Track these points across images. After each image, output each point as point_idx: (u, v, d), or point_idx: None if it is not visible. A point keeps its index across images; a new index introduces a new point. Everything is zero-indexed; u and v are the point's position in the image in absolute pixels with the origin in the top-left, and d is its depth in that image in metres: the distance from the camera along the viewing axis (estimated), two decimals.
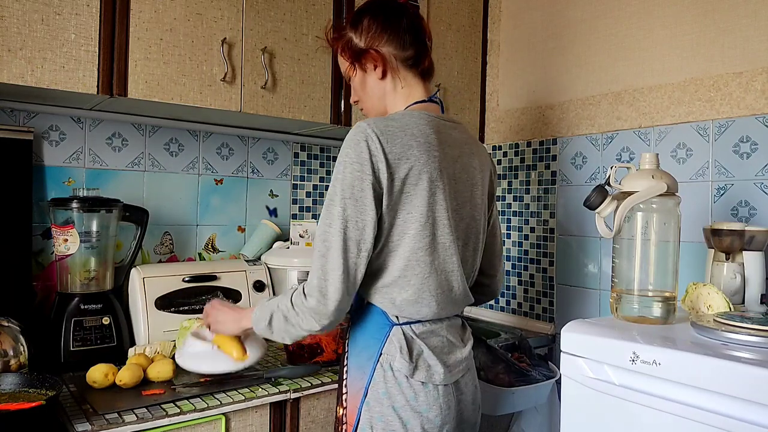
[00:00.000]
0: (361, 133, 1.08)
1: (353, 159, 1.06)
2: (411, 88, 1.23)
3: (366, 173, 1.06)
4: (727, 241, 1.41)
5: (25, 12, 1.32)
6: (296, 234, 1.95)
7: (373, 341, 1.14)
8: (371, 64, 1.21)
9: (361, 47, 1.21)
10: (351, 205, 1.05)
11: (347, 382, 1.15)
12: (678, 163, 1.77)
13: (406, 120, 1.14)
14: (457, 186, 1.19)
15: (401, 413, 1.10)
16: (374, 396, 1.11)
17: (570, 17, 2.10)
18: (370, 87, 1.24)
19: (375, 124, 1.09)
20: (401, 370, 1.10)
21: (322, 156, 2.24)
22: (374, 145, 1.07)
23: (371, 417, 1.11)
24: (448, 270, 1.16)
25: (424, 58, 1.23)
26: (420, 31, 1.23)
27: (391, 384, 1.10)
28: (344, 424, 1.14)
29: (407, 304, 1.13)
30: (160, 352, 1.50)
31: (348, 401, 1.14)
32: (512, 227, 2.30)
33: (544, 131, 2.18)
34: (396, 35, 1.20)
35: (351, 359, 1.17)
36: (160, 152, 1.87)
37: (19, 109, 1.61)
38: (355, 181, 1.06)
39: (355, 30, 1.22)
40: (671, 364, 1.03)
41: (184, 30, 1.54)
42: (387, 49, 1.20)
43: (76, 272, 1.53)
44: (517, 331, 2.06)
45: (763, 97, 1.59)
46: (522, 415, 1.89)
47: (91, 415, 1.16)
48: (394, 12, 1.22)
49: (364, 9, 1.24)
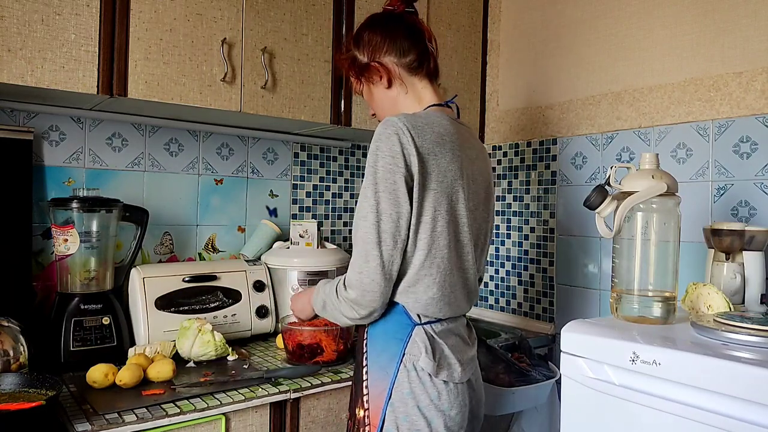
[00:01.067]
0: (392, 126, 1.10)
1: (386, 152, 1.09)
2: (419, 91, 1.26)
3: (399, 166, 1.08)
4: (727, 241, 1.41)
5: (25, 12, 1.32)
6: (296, 234, 1.95)
7: (395, 341, 1.15)
8: (376, 76, 1.25)
9: (364, 62, 1.25)
10: (385, 198, 1.08)
11: (368, 382, 1.16)
12: (678, 163, 1.77)
13: (431, 118, 1.17)
14: (474, 187, 1.21)
15: (426, 412, 1.12)
16: (399, 396, 1.12)
17: (570, 17, 2.10)
18: (380, 98, 1.28)
19: (404, 119, 1.12)
20: (426, 370, 1.12)
21: (322, 156, 2.23)
22: (406, 138, 1.09)
23: (396, 417, 1.12)
24: (465, 268, 1.20)
25: (426, 60, 1.26)
26: (419, 35, 1.26)
27: (415, 384, 1.12)
28: (367, 425, 1.15)
29: (432, 302, 1.15)
30: (160, 352, 1.50)
31: (370, 402, 1.15)
32: (512, 227, 2.30)
33: (544, 131, 2.18)
34: (395, 44, 1.23)
35: (371, 360, 1.17)
36: (160, 152, 1.87)
37: (19, 109, 1.61)
38: (388, 174, 1.08)
39: (358, 47, 1.26)
40: (671, 364, 1.03)
41: (184, 30, 1.54)
42: (389, 59, 1.24)
43: (76, 272, 1.53)
44: (517, 331, 2.06)
45: (763, 97, 1.59)
46: (522, 415, 1.89)
47: (91, 415, 1.16)
48: (390, 21, 1.26)
49: (363, 25, 1.29)
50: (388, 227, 1.08)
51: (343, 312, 1.14)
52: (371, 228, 1.08)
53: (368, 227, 1.08)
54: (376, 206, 1.08)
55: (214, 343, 1.52)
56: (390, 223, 1.08)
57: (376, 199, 1.08)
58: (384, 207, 1.08)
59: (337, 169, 2.28)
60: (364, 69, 1.26)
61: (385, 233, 1.08)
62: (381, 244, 1.08)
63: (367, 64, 1.25)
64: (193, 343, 1.51)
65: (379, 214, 1.08)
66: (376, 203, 1.08)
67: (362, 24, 1.30)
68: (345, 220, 2.32)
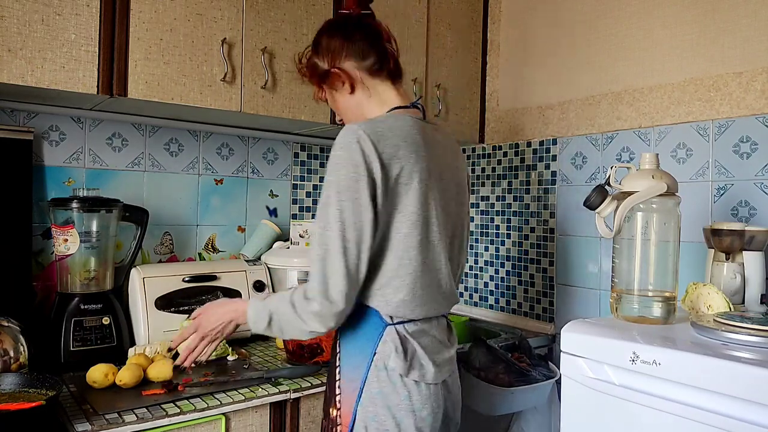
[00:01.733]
0: (352, 134, 1.08)
1: (347, 161, 1.06)
2: (382, 93, 1.24)
3: (361, 174, 1.06)
4: (727, 241, 1.41)
5: (25, 12, 1.32)
6: (296, 234, 1.95)
7: (367, 342, 1.14)
8: (339, 82, 1.23)
9: (324, 69, 1.23)
10: (348, 207, 1.05)
11: (341, 382, 1.16)
12: (678, 163, 1.77)
13: (391, 122, 1.15)
14: (444, 185, 1.20)
15: (395, 412, 1.10)
16: (368, 396, 1.11)
17: (570, 17, 2.10)
18: (344, 104, 1.26)
19: (365, 126, 1.10)
20: (396, 369, 1.11)
21: (322, 156, 2.23)
22: (367, 146, 1.07)
23: (366, 417, 1.11)
24: (437, 268, 1.17)
25: (386, 60, 1.24)
26: (377, 36, 1.24)
27: (384, 383, 1.11)
28: (338, 425, 1.14)
29: (402, 304, 1.13)
30: (160, 352, 1.50)
31: (342, 402, 1.14)
32: (512, 227, 2.30)
33: (544, 131, 2.18)
34: (353, 47, 1.22)
35: (344, 360, 1.17)
36: (160, 152, 1.87)
37: (19, 109, 1.61)
38: (351, 183, 1.06)
39: (317, 54, 1.25)
40: (671, 364, 1.03)
41: (184, 30, 1.54)
42: (349, 64, 1.22)
43: (76, 272, 1.53)
44: (517, 331, 2.06)
45: (763, 97, 1.59)
46: (522, 415, 1.89)
47: (91, 415, 1.16)
48: (347, 25, 1.24)
49: (321, 30, 1.27)
50: (353, 236, 1.06)
51: (306, 327, 1.09)
52: (335, 238, 1.05)
53: (332, 237, 1.05)
54: (339, 215, 1.05)
55: None
56: (354, 232, 1.06)
57: (338, 207, 1.06)
58: (347, 216, 1.05)
59: None
60: (325, 76, 1.23)
61: (349, 242, 1.05)
62: (346, 253, 1.05)
63: (327, 71, 1.22)
64: None
65: (343, 224, 1.05)
66: (339, 212, 1.05)
67: (320, 30, 1.28)
68: None
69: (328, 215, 1.06)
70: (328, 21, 1.30)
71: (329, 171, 1.09)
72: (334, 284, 1.05)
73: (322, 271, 1.06)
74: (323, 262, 1.06)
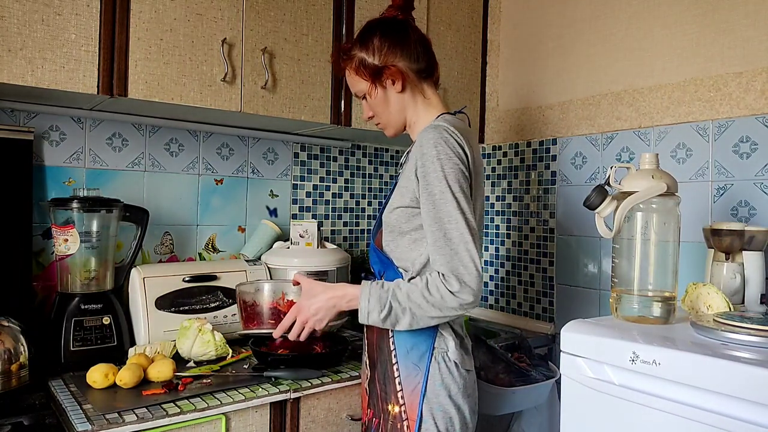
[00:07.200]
0: (446, 131, 1.17)
1: (449, 154, 1.15)
2: (429, 98, 1.31)
3: (463, 167, 1.16)
4: (727, 241, 1.41)
5: (25, 12, 1.32)
6: (296, 234, 1.95)
7: (424, 337, 1.20)
8: (390, 80, 1.27)
9: (377, 65, 1.26)
10: (462, 198, 1.14)
11: (401, 379, 1.21)
12: (678, 163, 1.77)
13: (463, 126, 1.26)
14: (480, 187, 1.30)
15: (456, 400, 1.19)
16: (432, 388, 1.19)
17: (570, 17, 2.10)
18: (392, 102, 1.29)
19: (451, 125, 1.19)
20: (454, 359, 1.19)
21: (322, 156, 2.23)
22: (462, 141, 1.17)
23: (431, 408, 1.18)
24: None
25: (435, 68, 1.32)
26: (428, 43, 1.32)
27: (445, 374, 1.19)
28: (405, 420, 1.19)
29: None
30: (160, 352, 1.50)
31: (406, 398, 1.20)
32: (512, 227, 2.30)
33: (544, 131, 2.18)
34: (408, 50, 1.27)
35: (401, 357, 1.22)
36: (160, 152, 1.87)
37: (19, 109, 1.61)
38: (458, 175, 1.15)
39: (366, 49, 1.27)
40: (671, 364, 1.03)
41: (184, 30, 1.54)
42: (402, 64, 1.27)
43: (77, 272, 1.53)
44: (517, 331, 2.06)
45: (763, 97, 1.59)
46: (522, 415, 1.89)
47: (91, 415, 1.16)
48: (401, 28, 1.29)
49: (371, 28, 1.29)
50: (473, 224, 1.14)
51: (439, 315, 1.13)
52: (463, 228, 1.12)
53: (462, 228, 1.12)
54: (458, 206, 1.13)
55: (214, 343, 1.53)
56: (473, 221, 1.14)
57: (455, 199, 1.13)
58: (465, 206, 1.14)
59: (337, 169, 2.28)
60: (378, 72, 1.26)
61: (473, 229, 1.13)
62: (474, 240, 1.13)
63: (381, 67, 1.26)
64: (194, 343, 1.52)
65: (463, 213, 1.13)
66: (457, 203, 1.13)
67: (367, 29, 1.30)
68: (345, 220, 2.32)
69: (447, 209, 1.13)
70: (376, 21, 1.32)
71: (432, 167, 1.14)
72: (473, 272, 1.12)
73: (461, 261, 1.11)
74: (457, 255, 1.12)
